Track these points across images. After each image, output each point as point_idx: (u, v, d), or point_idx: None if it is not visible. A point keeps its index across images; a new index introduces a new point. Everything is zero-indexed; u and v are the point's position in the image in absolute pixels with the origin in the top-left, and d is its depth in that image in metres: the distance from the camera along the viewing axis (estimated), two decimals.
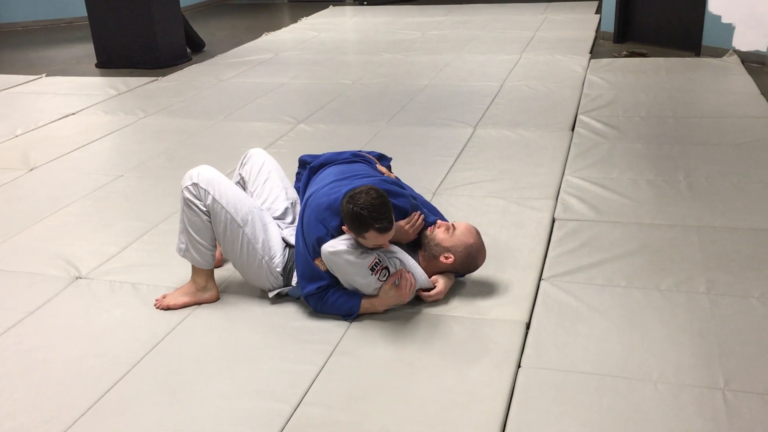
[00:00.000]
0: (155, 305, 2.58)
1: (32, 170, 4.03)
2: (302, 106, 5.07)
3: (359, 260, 2.35)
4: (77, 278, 2.81)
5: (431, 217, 2.64)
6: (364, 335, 2.37)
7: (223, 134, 4.56)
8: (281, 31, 8.09)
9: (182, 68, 6.46)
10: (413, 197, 2.65)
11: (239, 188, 2.64)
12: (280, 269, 2.54)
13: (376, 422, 1.98)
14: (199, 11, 10.20)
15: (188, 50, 7.02)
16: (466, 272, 2.60)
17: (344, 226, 2.36)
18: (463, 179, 3.61)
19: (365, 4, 9.81)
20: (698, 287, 2.55)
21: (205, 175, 2.51)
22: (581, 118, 4.48)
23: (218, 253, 2.74)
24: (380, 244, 2.36)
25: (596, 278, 2.64)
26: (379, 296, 2.42)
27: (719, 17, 5.96)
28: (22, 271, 2.88)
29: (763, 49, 5.71)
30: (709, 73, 5.44)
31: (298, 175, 2.93)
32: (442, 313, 2.47)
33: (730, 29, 5.90)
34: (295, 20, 8.78)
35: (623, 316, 2.41)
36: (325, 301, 2.44)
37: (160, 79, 6.05)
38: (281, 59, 6.64)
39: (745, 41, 5.83)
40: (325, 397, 2.09)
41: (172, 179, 3.68)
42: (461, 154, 3.97)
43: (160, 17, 6.50)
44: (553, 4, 8.91)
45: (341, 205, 2.35)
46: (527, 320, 2.42)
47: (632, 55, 6.24)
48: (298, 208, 2.73)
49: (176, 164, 3.98)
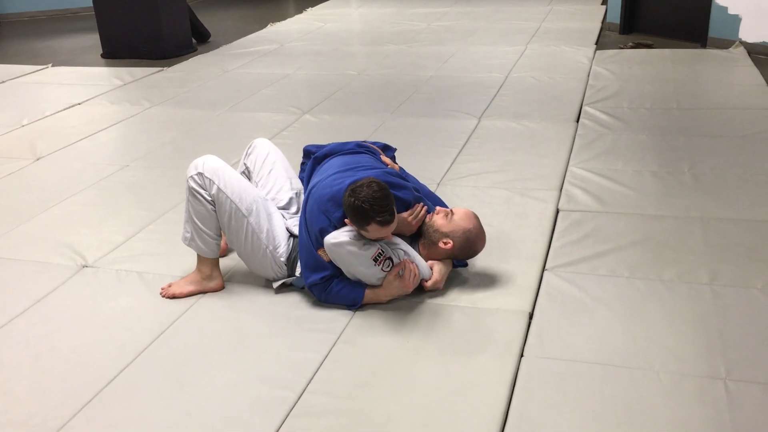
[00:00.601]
0: (161, 294, 2.60)
1: (38, 160, 4.05)
2: (307, 96, 5.08)
3: (362, 251, 2.36)
4: (84, 267, 2.83)
5: (432, 207, 2.65)
6: (367, 324, 2.39)
7: (228, 125, 4.57)
8: (286, 21, 8.08)
9: (187, 59, 6.47)
10: (416, 189, 2.65)
11: (244, 178, 2.65)
12: (284, 259, 2.55)
13: (379, 410, 2.00)
14: (204, 1, 10.19)
15: (193, 41, 7.03)
16: (465, 258, 2.60)
17: (346, 218, 2.38)
18: (467, 170, 3.62)
19: None
20: (701, 278, 2.56)
21: (210, 164, 2.52)
22: (586, 109, 4.48)
23: (223, 242, 2.76)
24: (382, 236, 2.37)
25: (599, 269, 2.65)
26: (383, 287, 2.44)
27: (725, 8, 5.94)
28: (29, 259, 2.90)
29: None
30: (715, 64, 5.43)
31: (302, 165, 2.94)
32: (445, 302, 2.49)
33: (736, 20, 5.88)
34: (300, 11, 8.77)
35: (626, 306, 2.42)
36: (329, 291, 2.45)
37: (165, 69, 6.06)
38: (286, 50, 6.64)
39: (751, 32, 5.81)
40: (329, 385, 2.11)
41: (177, 169, 3.70)
42: (466, 145, 3.98)
43: (165, 8, 6.50)
44: None
45: (343, 197, 2.36)
46: (530, 310, 2.43)
47: (638, 46, 6.22)
48: (302, 198, 2.74)
49: (182, 154, 4.00)
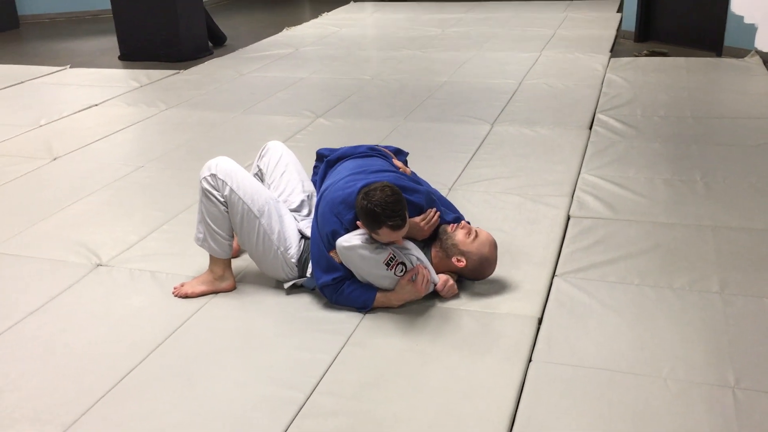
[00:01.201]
0: (173, 293, 2.63)
1: (55, 160, 4.10)
2: (321, 100, 5.11)
3: (374, 255, 2.38)
4: (98, 266, 2.87)
5: (449, 215, 2.66)
6: (377, 326, 2.40)
7: (242, 127, 4.61)
8: (302, 26, 8.13)
9: (204, 62, 6.52)
10: (430, 193, 2.66)
11: (257, 180, 2.68)
12: (295, 260, 2.57)
13: (387, 411, 2.01)
14: (221, 6, 10.27)
15: (210, 44, 7.09)
16: (471, 279, 2.61)
17: (358, 221, 2.39)
18: (479, 175, 3.63)
19: None
20: (711, 286, 2.56)
21: (223, 166, 2.55)
22: (599, 116, 4.48)
23: (235, 243, 2.79)
24: (393, 240, 2.39)
25: (609, 275, 2.66)
26: (395, 291, 2.45)
27: (742, 17, 5.92)
28: (44, 257, 2.94)
29: None
30: (730, 73, 5.41)
31: (315, 168, 2.97)
32: (454, 306, 2.50)
33: (752, 30, 5.86)
34: (315, 15, 8.82)
35: (635, 313, 2.42)
36: (340, 292, 2.47)
37: (181, 72, 6.12)
38: (301, 54, 6.68)
39: (767, 42, 5.78)
40: (337, 385, 2.13)
41: (191, 170, 3.73)
42: (478, 150, 3.99)
43: (183, 11, 6.57)
44: (574, 2, 8.87)
45: (356, 200, 2.38)
46: (539, 315, 2.44)
47: (653, 54, 6.21)
48: (314, 200, 2.77)
49: (196, 156, 4.03)
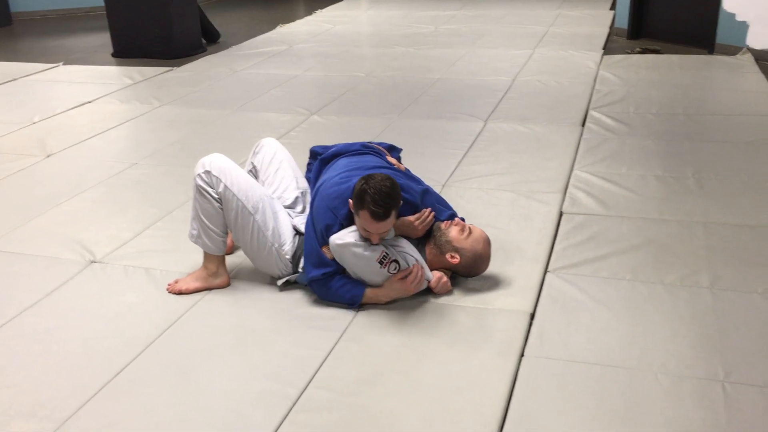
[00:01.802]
0: (168, 290, 2.63)
1: (49, 157, 4.10)
2: (315, 97, 5.12)
3: (367, 253, 2.39)
4: (92, 262, 2.87)
5: (444, 213, 2.67)
6: (371, 322, 2.42)
7: (236, 124, 4.61)
8: (296, 23, 8.13)
9: (197, 59, 6.52)
10: (427, 192, 2.67)
11: (251, 177, 2.69)
12: (289, 256, 2.58)
13: (381, 406, 2.03)
14: (214, 2, 10.25)
15: (203, 41, 7.08)
16: (465, 275, 2.63)
17: (350, 199, 2.40)
18: (473, 172, 3.65)
19: None
20: (702, 282, 2.58)
21: (217, 163, 2.56)
22: (592, 113, 4.50)
23: (229, 240, 2.80)
24: (369, 229, 2.36)
25: (601, 271, 2.68)
26: (384, 287, 2.46)
27: (733, 15, 5.95)
28: (38, 254, 2.95)
29: None
30: (722, 70, 5.44)
31: (308, 165, 2.98)
32: (448, 302, 2.52)
33: (744, 27, 5.89)
34: (309, 13, 8.82)
35: (627, 308, 2.45)
36: (329, 288, 2.48)
37: (175, 69, 6.11)
38: (295, 51, 6.68)
39: (759, 39, 5.81)
40: (332, 381, 2.14)
41: (185, 167, 3.74)
42: (472, 147, 4.01)
43: (176, 8, 6.55)
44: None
45: (357, 181, 2.38)
46: (532, 311, 2.46)
47: (645, 51, 6.24)
48: (308, 197, 2.78)
49: (190, 153, 4.04)
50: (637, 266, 2.70)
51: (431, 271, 2.55)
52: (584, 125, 4.31)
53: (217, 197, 2.54)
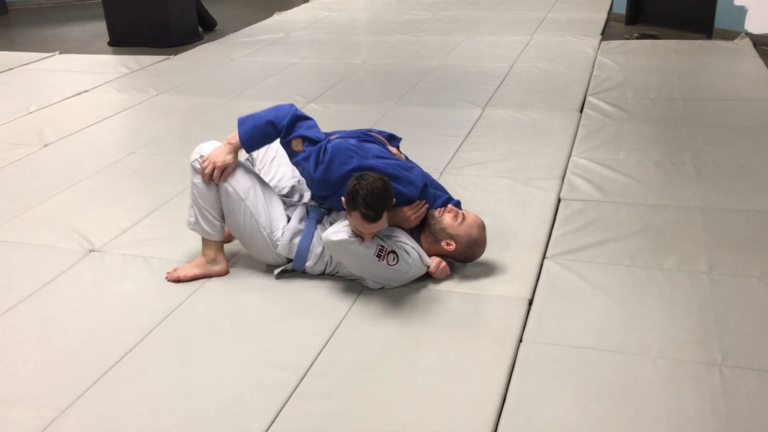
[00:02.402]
0: (166, 278, 2.64)
1: (46, 146, 4.09)
2: (312, 85, 5.10)
3: (362, 249, 2.39)
4: (90, 251, 2.87)
5: (438, 201, 2.65)
6: (369, 309, 2.42)
7: (233, 113, 4.57)
8: (292, 10, 8.09)
9: (194, 47, 6.49)
10: (426, 185, 2.64)
11: (246, 163, 2.68)
12: (282, 244, 2.57)
13: (379, 392, 2.03)
14: None
15: (200, 29, 7.05)
16: (461, 261, 2.63)
17: (343, 197, 2.38)
18: (470, 159, 3.65)
19: None
20: (700, 266, 2.58)
21: (212, 148, 2.56)
22: (590, 99, 4.49)
23: (227, 228, 2.80)
24: (361, 230, 2.37)
25: (599, 257, 2.68)
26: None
27: (731, 0, 5.93)
28: (36, 243, 2.95)
29: None
30: (720, 55, 5.43)
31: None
32: (446, 288, 2.52)
33: (742, 12, 5.87)
34: (306, 0, 8.78)
35: (624, 293, 2.45)
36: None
37: (171, 57, 6.09)
38: (292, 39, 6.66)
39: (757, 24, 5.80)
40: (330, 367, 2.15)
41: (183, 156, 3.72)
42: (469, 134, 4.00)
43: None
44: None
45: (350, 180, 2.37)
46: (530, 297, 2.46)
47: (643, 37, 6.22)
48: (304, 185, 2.77)
49: (187, 141, 4.02)
50: (635, 252, 2.70)
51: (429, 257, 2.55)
52: (582, 111, 4.31)
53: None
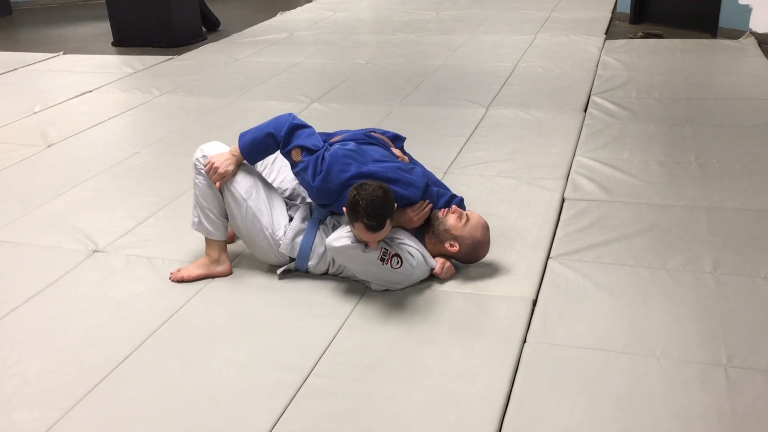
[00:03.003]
0: (170, 278, 2.64)
1: (50, 146, 4.10)
2: (316, 85, 5.10)
3: (366, 253, 2.38)
4: (95, 251, 2.88)
5: (441, 200, 2.64)
6: (372, 309, 2.42)
7: (237, 113, 4.60)
8: (296, 10, 8.09)
9: (197, 47, 6.49)
10: (428, 186, 2.63)
11: (247, 164, 2.67)
12: (285, 243, 2.56)
13: (383, 392, 2.03)
14: None
15: (203, 29, 7.05)
16: (464, 262, 2.62)
17: (344, 207, 2.38)
18: (474, 159, 3.64)
19: None
20: (705, 266, 2.57)
21: (216, 148, 2.56)
22: (594, 99, 4.48)
23: (230, 229, 2.80)
24: (365, 240, 2.36)
25: (604, 257, 2.67)
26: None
27: None
28: (41, 244, 2.95)
29: None
30: (724, 55, 5.41)
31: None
32: (450, 289, 2.52)
33: (747, 11, 5.85)
34: (309, 0, 8.78)
35: (629, 294, 2.44)
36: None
37: (175, 57, 6.09)
38: (296, 39, 6.66)
39: (762, 23, 5.78)
40: (334, 368, 2.15)
41: (186, 156, 3.71)
42: (473, 133, 4.00)
43: None
44: None
45: (350, 189, 2.35)
46: (534, 297, 2.45)
47: (648, 36, 6.20)
48: None
49: (191, 142, 4.03)
50: (639, 252, 2.69)
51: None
52: (586, 111, 4.30)
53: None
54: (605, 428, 1.88)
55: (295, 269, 2.62)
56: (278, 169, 2.83)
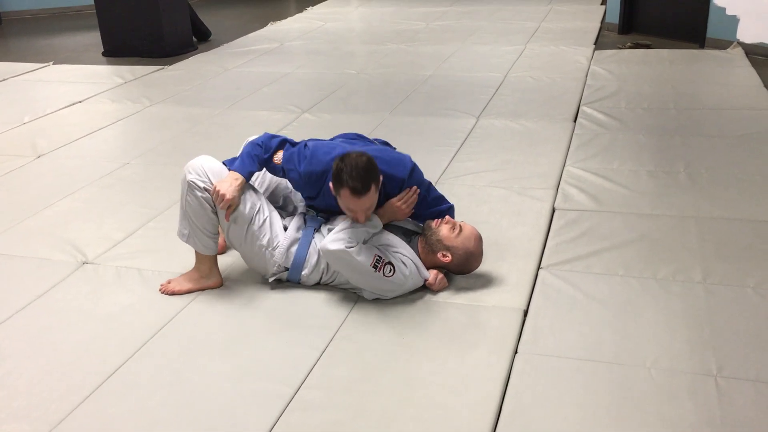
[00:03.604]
0: (160, 290, 2.62)
1: (40, 157, 4.08)
2: (307, 95, 5.11)
3: (359, 258, 2.38)
4: (84, 263, 2.86)
5: (433, 210, 2.64)
6: (364, 320, 2.41)
7: (228, 123, 4.60)
8: (287, 20, 8.11)
9: (188, 57, 6.49)
10: (414, 167, 2.60)
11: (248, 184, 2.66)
12: (278, 253, 2.55)
13: (375, 405, 2.03)
14: (204, 0, 10.21)
15: (194, 39, 7.05)
16: (457, 273, 2.62)
17: (330, 182, 2.39)
18: (465, 169, 3.65)
19: None
20: (694, 276, 2.59)
21: (209, 165, 2.51)
22: (584, 109, 4.51)
23: (221, 240, 2.79)
24: (352, 208, 2.37)
25: (594, 267, 2.68)
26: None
27: (724, 9, 5.96)
28: (30, 255, 2.93)
29: (767, 41, 5.71)
30: (712, 65, 5.46)
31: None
32: (441, 299, 2.52)
33: (734, 21, 5.91)
34: (300, 10, 8.80)
35: (619, 304, 2.45)
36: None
37: (166, 67, 6.09)
38: (286, 49, 6.67)
39: (749, 33, 5.83)
40: (325, 380, 2.14)
41: (177, 167, 3.70)
42: (464, 144, 4.01)
43: (166, 6, 6.53)
44: None
45: (334, 161, 2.37)
46: (525, 308, 2.46)
47: (636, 46, 6.25)
48: (298, 195, 2.76)
49: (181, 152, 4.02)
50: (629, 262, 2.70)
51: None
52: (576, 121, 4.32)
53: (210, 198, 2.50)
54: None
55: (287, 280, 2.62)
56: (270, 177, 2.83)
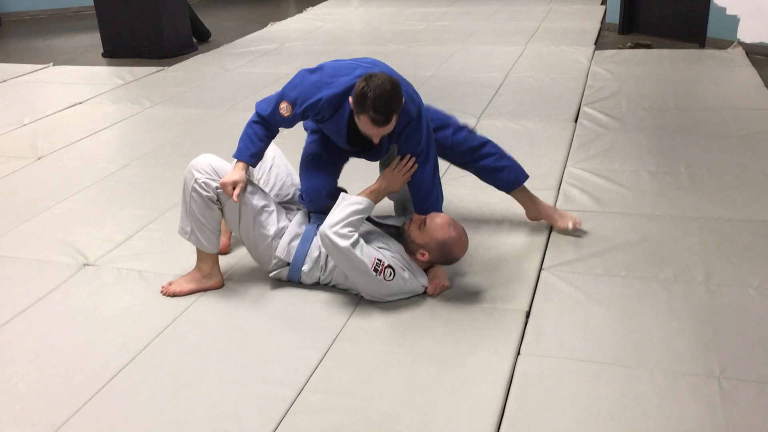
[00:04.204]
0: (161, 292, 2.62)
1: (40, 159, 4.08)
2: None
3: (361, 259, 2.37)
4: (85, 265, 2.86)
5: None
6: (366, 322, 2.41)
7: (228, 124, 4.59)
8: (287, 21, 8.11)
9: (188, 58, 6.49)
10: (424, 109, 2.56)
11: (254, 185, 2.66)
12: (281, 248, 2.56)
13: (377, 407, 2.02)
14: (204, 1, 10.21)
15: (194, 40, 7.05)
16: (446, 264, 2.59)
17: (350, 97, 2.33)
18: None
19: None
20: (697, 277, 2.58)
21: (215, 163, 2.52)
22: (584, 109, 4.50)
23: (224, 240, 2.79)
24: (369, 133, 2.35)
25: (596, 268, 2.68)
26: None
27: (724, 9, 5.96)
28: (30, 258, 2.93)
29: (767, 41, 5.71)
30: (713, 64, 5.45)
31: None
32: (443, 301, 2.51)
33: (734, 21, 5.90)
34: (300, 10, 8.79)
35: (622, 305, 2.45)
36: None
37: (166, 68, 6.09)
38: (286, 49, 6.66)
39: (749, 33, 5.83)
40: (327, 382, 2.13)
41: (178, 168, 3.71)
42: None
43: (165, 7, 6.52)
44: None
45: (358, 80, 2.31)
46: (527, 309, 2.45)
47: (637, 46, 6.25)
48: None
49: (182, 153, 4.02)
50: (631, 263, 2.70)
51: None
52: (577, 121, 4.32)
53: (215, 197, 2.50)
54: None
55: (287, 279, 2.61)
56: (275, 176, 2.83)
